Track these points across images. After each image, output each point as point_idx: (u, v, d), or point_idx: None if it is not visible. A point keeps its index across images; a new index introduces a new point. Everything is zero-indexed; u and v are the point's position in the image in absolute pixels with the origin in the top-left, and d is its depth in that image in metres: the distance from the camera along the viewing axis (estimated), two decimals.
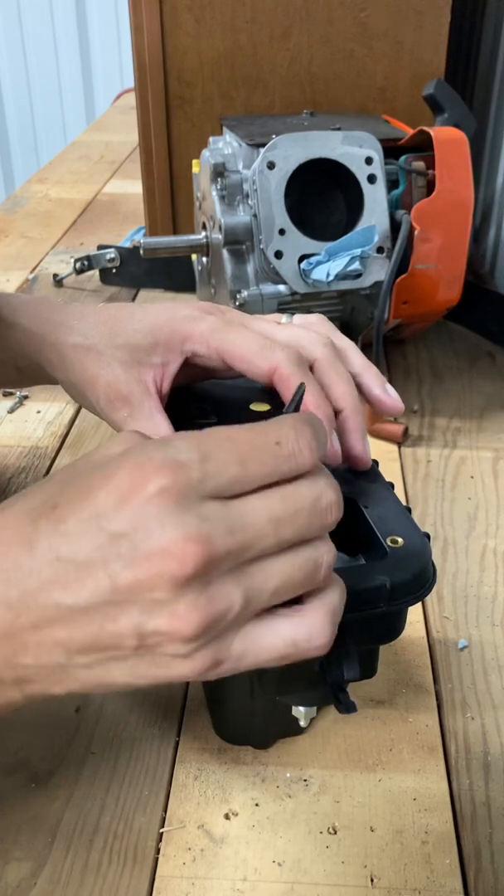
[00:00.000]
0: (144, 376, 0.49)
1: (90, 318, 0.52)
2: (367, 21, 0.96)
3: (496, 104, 1.09)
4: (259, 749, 0.50)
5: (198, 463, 0.31)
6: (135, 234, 1.27)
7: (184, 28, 0.97)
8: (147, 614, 0.30)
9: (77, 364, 0.51)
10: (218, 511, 0.31)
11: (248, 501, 0.32)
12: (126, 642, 0.31)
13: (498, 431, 0.82)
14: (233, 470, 0.31)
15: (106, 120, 2.10)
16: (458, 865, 0.44)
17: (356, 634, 0.39)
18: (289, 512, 0.32)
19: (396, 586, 0.39)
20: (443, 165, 0.76)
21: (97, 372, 0.50)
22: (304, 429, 0.33)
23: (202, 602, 0.30)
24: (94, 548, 0.31)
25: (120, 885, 0.43)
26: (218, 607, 0.31)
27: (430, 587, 0.41)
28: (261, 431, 0.33)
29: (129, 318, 0.51)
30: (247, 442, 0.32)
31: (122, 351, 0.49)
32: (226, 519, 0.31)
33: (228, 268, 0.79)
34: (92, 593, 0.31)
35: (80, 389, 0.52)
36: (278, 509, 0.32)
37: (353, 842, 0.46)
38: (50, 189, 1.54)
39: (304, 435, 0.33)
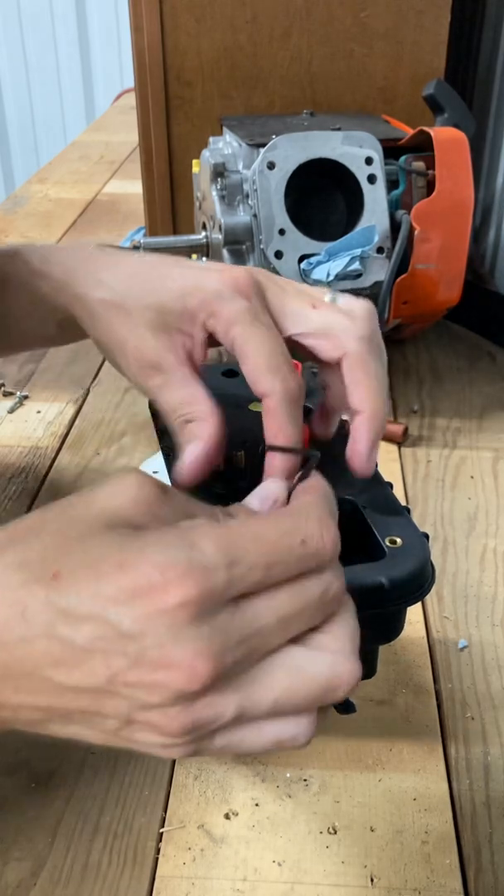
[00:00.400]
0: (175, 342, 0.45)
1: (121, 271, 0.47)
2: (367, 21, 0.96)
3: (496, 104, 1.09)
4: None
5: (224, 570, 0.29)
6: (135, 234, 1.27)
7: (184, 28, 0.97)
8: (137, 709, 0.29)
9: (104, 322, 0.47)
10: (231, 619, 0.29)
11: (259, 602, 0.30)
12: (109, 724, 0.30)
13: (498, 431, 0.82)
14: (258, 575, 0.29)
15: (106, 120, 2.10)
16: (458, 865, 0.44)
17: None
18: (296, 609, 0.30)
19: (395, 586, 0.39)
20: (443, 165, 0.76)
21: (125, 334, 0.45)
22: (328, 524, 0.31)
23: (196, 708, 0.29)
24: (96, 637, 0.28)
25: (120, 885, 0.43)
26: (210, 714, 0.29)
27: (429, 587, 0.41)
28: (288, 529, 0.31)
29: (162, 276, 0.46)
30: (274, 543, 0.30)
31: (151, 312, 0.45)
32: (239, 628, 0.29)
33: None
34: (86, 679, 0.29)
35: (110, 350, 0.47)
36: (287, 608, 0.30)
37: (353, 842, 0.46)
38: (50, 189, 1.54)
39: (328, 531, 0.31)
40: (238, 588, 0.29)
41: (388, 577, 0.38)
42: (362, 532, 0.43)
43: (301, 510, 0.32)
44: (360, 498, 0.44)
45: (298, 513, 0.32)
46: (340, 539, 0.33)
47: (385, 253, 0.76)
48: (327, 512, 0.32)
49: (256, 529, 0.30)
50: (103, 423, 0.84)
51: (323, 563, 0.31)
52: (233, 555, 0.29)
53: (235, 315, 0.43)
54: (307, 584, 0.31)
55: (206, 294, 0.44)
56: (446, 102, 0.84)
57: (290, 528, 0.31)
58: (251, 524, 0.31)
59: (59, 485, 0.75)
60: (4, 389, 0.89)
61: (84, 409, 0.86)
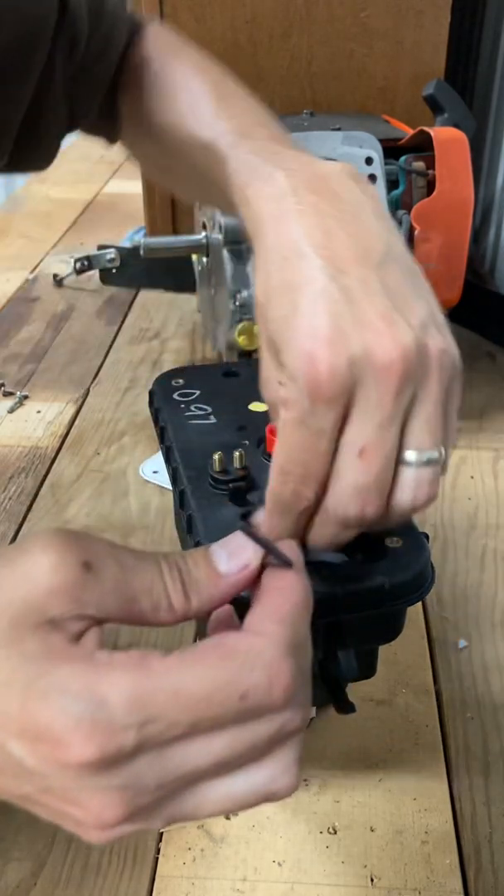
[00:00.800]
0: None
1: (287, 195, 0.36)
2: (367, 21, 0.96)
3: (496, 104, 1.09)
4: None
5: (135, 730, 0.25)
6: (135, 233, 1.27)
7: (184, 28, 0.97)
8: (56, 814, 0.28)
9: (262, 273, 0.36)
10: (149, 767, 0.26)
11: (190, 747, 0.26)
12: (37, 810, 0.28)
13: (498, 431, 0.82)
14: (179, 731, 0.26)
15: None
16: (458, 865, 0.44)
17: (355, 634, 0.39)
18: (237, 753, 0.27)
19: (396, 586, 0.39)
20: (443, 165, 0.76)
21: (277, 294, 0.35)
22: (282, 669, 0.27)
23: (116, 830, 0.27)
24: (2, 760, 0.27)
25: (120, 885, 0.43)
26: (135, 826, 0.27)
27: (430, 587, 0.41)
28: (225, 682, 0.26)
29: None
30: (204, 700, 0.26)
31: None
32: (159, 775, 0.26)
33: (228, 268, 0.79)
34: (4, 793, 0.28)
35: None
36: (226, 753, 0.27)
37: (353, 842, 0.46)
38: (50, 189, 1.54)
39: (281, 678, 0.27)
40: (155, 744, 0.26)
41: (389, 578, 0.38)
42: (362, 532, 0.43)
43: (247, 656, 0.27)
44: None
45: (244, 660, 0.27)
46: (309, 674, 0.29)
47: None
48: (283, 651, 0.27)
49: (183, 682, 0.26)
50: (103, 423, 0.84)
51: (273, 711, 0.27)
52: (147, 713, 0.26)
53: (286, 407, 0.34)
54: (255, 727, 0.27)
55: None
56: (446, 102, 0.84)
57: (227, 680, 0.26)
58: (179, 672, 0.26)
59: (59, 485, 0.75)
60: (4, 389, 0.89)
61: (84, 409, 0.86)
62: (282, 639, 0.28)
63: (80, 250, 1.21)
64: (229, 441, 0.47)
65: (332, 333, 0.31)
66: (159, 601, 0.29)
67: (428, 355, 0.32)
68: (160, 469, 0.75)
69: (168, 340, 1.01)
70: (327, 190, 0.35)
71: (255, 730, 0.27)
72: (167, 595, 0.29)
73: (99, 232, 1.32)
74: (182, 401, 0.51)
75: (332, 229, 0.34)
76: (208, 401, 0.51)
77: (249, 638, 0.28)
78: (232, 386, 0.53)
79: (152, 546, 0.67)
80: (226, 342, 0.83)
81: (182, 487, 0.44)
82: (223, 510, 0.41)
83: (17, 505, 0.72)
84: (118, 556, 0.28)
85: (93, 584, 0.27)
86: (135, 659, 0.27)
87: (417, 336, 0.32)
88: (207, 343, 0.96)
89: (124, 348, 0.99)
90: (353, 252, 0.33)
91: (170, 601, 0.29)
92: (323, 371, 0.30)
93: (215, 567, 0.30)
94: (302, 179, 0.36)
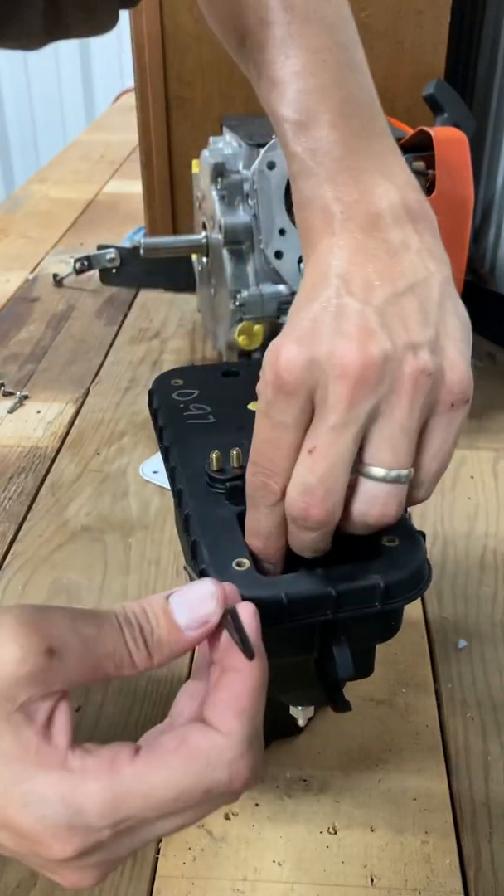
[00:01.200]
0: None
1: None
2: (367, 21, 0.96)
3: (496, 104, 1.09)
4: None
5: (109, 829, 0.28)
6: (135, 234, 1.27)
7: (184, 28, 0.97)
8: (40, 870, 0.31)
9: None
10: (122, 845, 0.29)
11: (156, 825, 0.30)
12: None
13: (498, 431, 0.82)
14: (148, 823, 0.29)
15: (106, 120, 2.10)
16: (458, 865, 0.44)
17: (351, 633, 0.39)
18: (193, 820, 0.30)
19: (391, 585, 0.38)
20: (443, 165, 0.76)
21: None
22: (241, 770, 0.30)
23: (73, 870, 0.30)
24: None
25: (120, 884, 0.43)
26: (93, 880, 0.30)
27: (426, 586, 0.40)
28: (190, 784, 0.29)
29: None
30: (171, 800, 0.29)
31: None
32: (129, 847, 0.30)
33: (228, 268, 0.79)
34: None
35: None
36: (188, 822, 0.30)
37: (353, 842, 0.46)
38: (50, 189, 1.54)
39: (239, 778, 0.30)
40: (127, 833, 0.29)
41: (384, 577, 0.38)
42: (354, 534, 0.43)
43: (209, 757, 0.30)
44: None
45: (206, 761, 0.30)
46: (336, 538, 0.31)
47: None
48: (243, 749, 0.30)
49: (152, 787, 0.29)
50: (103, 423, 0.84)
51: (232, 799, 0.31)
52: (120, 815, 0.28)
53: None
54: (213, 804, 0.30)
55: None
56: (446, 102, 0.84)
57: (192, 782, 0.29)
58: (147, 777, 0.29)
59: (59, 485, 0.75)
60: (4, 389, 0.89)
61: (84, 409, 0.86)
62: (242, 736, 0.30)
63: (80, 250, 1.21)
64: (228, 441, 0.47)
65: (305, 334, 0.33)
66: (122, 662, 0.31)
67: (401, 371, 0.32)
68: (160, 469, 0.75)
69: (168, 340, 1.01)
70: (376, 231, 0.35)
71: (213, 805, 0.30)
72: (130, 656, 0.31)
73: (99, 232, 1.32)
74: (181, 401, 0.51)
75: (364, 264, 0.34)
76: (207, 401, 0.51)
77: (211, 737, 0.30)
78: (231, 386, 0.53)
79: (152, 546, 0.67)
80: (226, 342, 0.83)
81: (179, 486, 0.44)
82: (220, 509, 0.41)
83: (17, 505, 0.72)
84: (79, 630, 0.30)
85: (57, 667, 0.29)
86: (105, 764, 0.29)
87: (393, 351, 0.32)
88: (207, 343, 0.96)
89: (124, 348, 0.99)
90: (371, 282, 0.34)
91: (132, 660, 0.31)
92: (281, 363, 0.32)
93: (175, 623, 0.32)
94: (355, 218, 0.36)
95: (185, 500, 0.43)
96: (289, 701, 0.46)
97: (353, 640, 0.40)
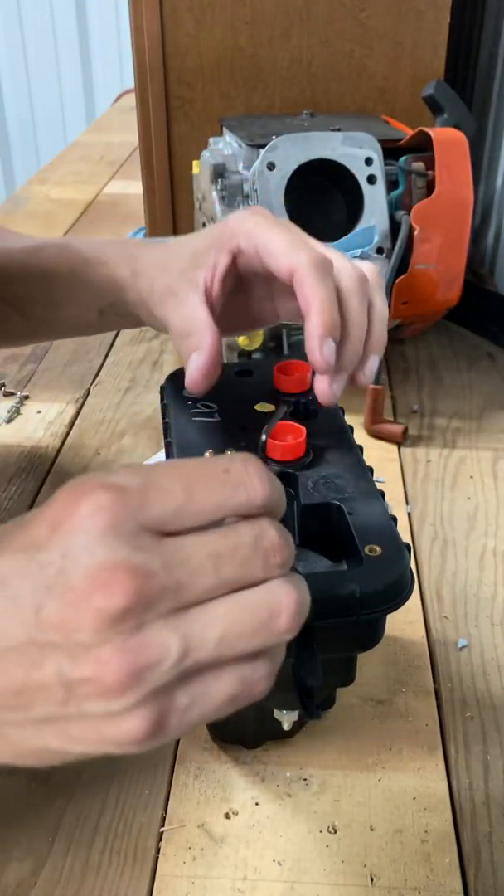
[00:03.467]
0: (195, 275, 0.49)
1: (167, 244, 0.54)
2: (367, 21, 0.97)
3: (496, 104, 1.09)
4: (250, 749, 0.50)
5: (138, 488, 0.28)
6: (135, 234, 1.27)
7: (184, 28, 0.97)
8: (71, 659, 0.27)
9: (147, 278, 0.53)
10: (154, 544, 0.28)
11: (186, 537, 0.29)
12: (53, 693, 0.28)
13: (498, 431, 0.82)
14: (178, 497, 0.29)
15: (106, 120, 2.10)
16: (458, 865, 0.45)
17: (328, 641, 0.38)
18: (228, 547, 0.29)
19: (368, 595, 0.38)
20: (442, 166, 0.76)
21: (159, 279, 0.51)
22: (253, 460, 0.30)
23: (131, 646, 0.27)
24: (22, 579, 0.28)
25: (120, 884, 0.44)
26: (149, 655, 0.27)
27: (405, 598, 0.40)
28: (209, 460, 0.31)
29: (196, 234, 0.53)
30: (193, 467, 0.30)
31: (184, 259, 0.50)
32: (161, 552, 0.28)
33: None
34: (18, 632, 0.27)
35: (144, 302, 0.53)
36: (217, 545, 0.29)
37: (353, 841, 0.46)
38: (50, 190, 1.54)
39: (252, 464, 0.30)
40: (159, 509, 0.28)
41: (361, 586, 0.38)
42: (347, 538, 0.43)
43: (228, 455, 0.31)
44: (348, 503, 0.44)
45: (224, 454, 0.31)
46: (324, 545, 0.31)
47: (385, 253, 0.76)
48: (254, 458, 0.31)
49: (176, 461, 0.31)
50: (103, 423, 0.84)
51: (251, 498, 0.30)
52: (149, 477, 0.29)
53: (255, 224, 0.48)
54: (238, 526, 0.30)
55: (229, 220, 0.49)
56: (446, 103, 0.84)
57: (210, 460, 0.31)
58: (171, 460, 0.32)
59: (59, 485, 0.74)
60: (5, 389, 0.90)
61: (84, 409, 0.86)
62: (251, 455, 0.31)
63: None
64: (229, 440, 0.47)
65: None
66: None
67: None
68: None
69: (168, 341, 1.01)
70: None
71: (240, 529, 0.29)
72: None
73: (99, 233, 1.32)
74: (190, 398, 0.51)
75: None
76: (216, 399, 0.51)
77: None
78: (243, 386, 0.53)
79: None
80: (225, 342, 0.83)
81: None
82: None
83: (17, 505, 0.72)
84: None
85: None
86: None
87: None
88: None
89: (124, 349, 0.99)
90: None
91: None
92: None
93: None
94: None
95: None
96: (272, 704, 0.46)
97: (331, 649, 0.40)
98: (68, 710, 0.28)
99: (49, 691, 0.28)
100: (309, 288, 0.44)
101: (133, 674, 0.27)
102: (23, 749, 0.30)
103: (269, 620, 0.29)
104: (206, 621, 0.28)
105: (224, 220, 0.50)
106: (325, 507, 0.43)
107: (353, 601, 0.38)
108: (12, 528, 0.30)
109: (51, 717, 0.28)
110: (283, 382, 0.52)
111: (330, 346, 0.44)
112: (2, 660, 0.28)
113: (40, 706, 0.28)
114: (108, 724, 0.28)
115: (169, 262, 0.52)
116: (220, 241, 0.49)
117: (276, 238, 0.46)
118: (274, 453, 0.45)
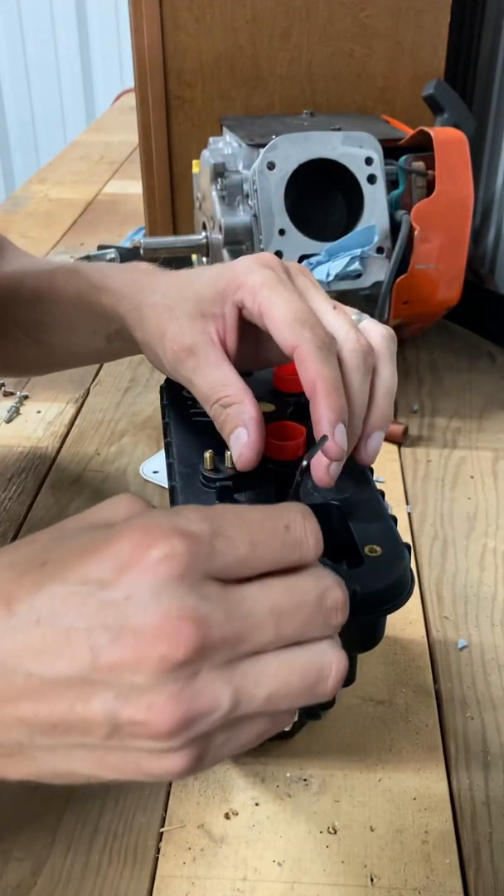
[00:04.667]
0: (208, 327, 0.47)
1: (171, 279, 0.52)
2: (367, 21, 0.96)
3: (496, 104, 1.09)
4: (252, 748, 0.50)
5: (208, 536, 0.28)
6: (135, 234, 1.27)
7: (184, 28, 0.97)
8: (123, 700, 0.27)
9: (152, 321, 0.50)
10: (218, 593, 0.28)
11: (249, 588, 0.29)
12: (96, 729, 0.28)
13: (498, 431, 0.82)
14: (242, 550, 0.29)
15: (106, 120, 2.10)
16: (458, 865, 0.45)
17: None
18: (292, 604, 0.29)
19: (367, 596, 0.38)
20: (443, 166, 0.76)
21: (166, 326, 0.49)
22: (311, 518, 0.31)
23: (186, 696, 0.27)
24: (80, 615, 0.28)
25: (120, 885, 0.43)
26: (202, 705, 0.28)
27: (405, 599, 0.40)
28: (271, 513, 0.31)
29: (202, 272, 0.50)
30: (257, 522, 0.30)
31: (189, 304, 0.48)
32: (225, 603, 0.28)
33: None
34: (69, 666, 0.27)
35: (152, 346, 0.51)
36: (281, 600, 0.29)
37: (353, 841, 0.46)
38: (50, 189, 1.54)
39: (310, 523, 0.31)
40: (225, 559, 0.29)
41: (361, 586, 0.38)
42: (346, 539, 0.43)
43: (285, 504, 0.32)
44: (347, 504, 0.44)
45: (283, 504, 0.32)
46: (323, 542, 0.32)
47: (385, 253, 0.76)
48: (310, 511, 0.32)
49: (240, 510, 0.30)
50: (103, 423, 0.84)
51: (304, 557, 0.31)
52: (216, 525, 0.29)
53: (261, 281, 0.45)
54: (303, 581, 0.30)
55: (235, 272, 0.46)
56: (446, 102, 0.84)
57: (272, 512, 0.31)
58: (235, 507, 0.31)
59: (59, 485, 0.75)
60: (4, 389, 0.89)
61: (84, 409, 0.86)
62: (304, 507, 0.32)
63: (80, 251, 1.21)
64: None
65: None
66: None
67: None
68: (160, 469, 0.75)
69: None
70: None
71: (303, 583, 0.30)
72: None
73: (99, 232, 1.32)
74: (190, 397, 0.51)
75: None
76: None
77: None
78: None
79: None
80: None
81: (173, 483, 0.45)
82: None
83: (17, 505, 0.72)
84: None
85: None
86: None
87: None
88: None
89: None
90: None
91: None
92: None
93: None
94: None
95: (177, 498, 0.43)
96: None
97: None
98: (110, 743, 0.28)
99: (93, 727, 0.28)
100: (312, 369, 0.41)
101: (184, 722, 0.27)
102: (47, 770, 0.30)
103: (316, 684, 0.30)
104: (257, 678, 0.29)
105: (231, 267, 0.47)
106: (325, 508, 0.43)
107: (353, 601, 0.38)
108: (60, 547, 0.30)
109: (87, 746, 0.29)
110: (283, 383, 0.52)
111: (342, 430, 0.42)
112: (46, 690, 0.28)
113: (78, 737, 0.29)
114: (149, 760, 0.29)
115: (174, 306, 0.49)
116: (226, 293, 0.47)
117: (281, 306, 0.43)
118: (274, 453, 0.45)
